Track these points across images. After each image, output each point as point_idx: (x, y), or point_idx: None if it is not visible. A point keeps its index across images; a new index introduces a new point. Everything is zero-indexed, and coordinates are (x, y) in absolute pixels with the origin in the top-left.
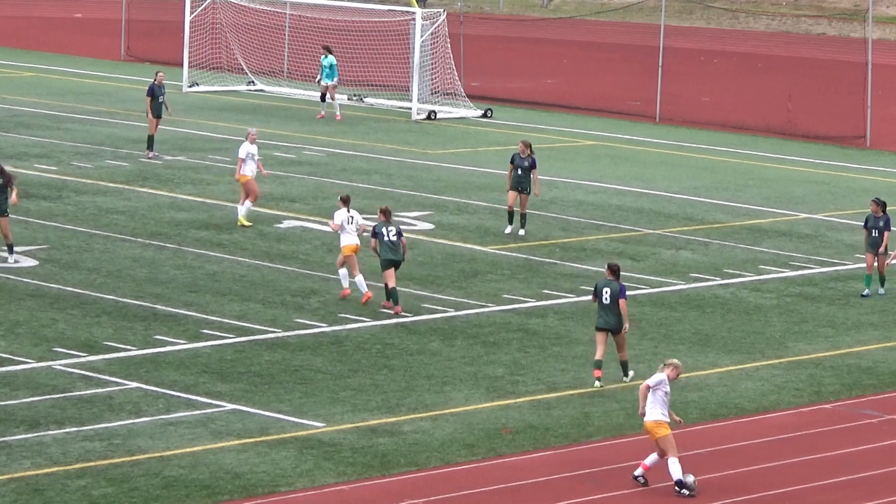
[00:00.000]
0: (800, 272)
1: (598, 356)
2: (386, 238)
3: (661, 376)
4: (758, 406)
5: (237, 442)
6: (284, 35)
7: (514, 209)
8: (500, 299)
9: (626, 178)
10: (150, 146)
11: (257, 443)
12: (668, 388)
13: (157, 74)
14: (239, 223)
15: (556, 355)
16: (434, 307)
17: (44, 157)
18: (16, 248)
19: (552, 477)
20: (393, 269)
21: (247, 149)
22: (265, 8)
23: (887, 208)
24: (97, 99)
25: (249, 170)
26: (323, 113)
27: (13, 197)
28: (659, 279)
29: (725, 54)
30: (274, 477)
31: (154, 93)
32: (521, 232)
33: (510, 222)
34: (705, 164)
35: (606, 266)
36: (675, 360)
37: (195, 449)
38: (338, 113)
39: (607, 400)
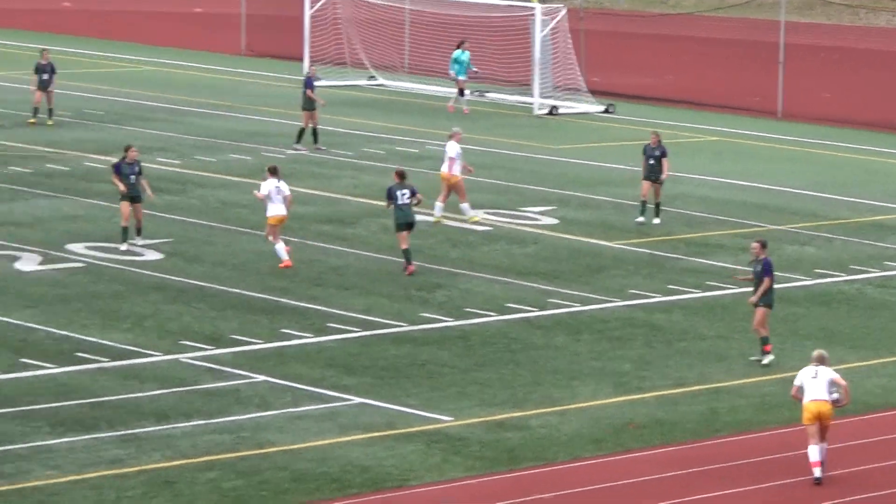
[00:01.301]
0: None
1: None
2: (399, 201)
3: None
4: (885, 402)
5: (365, 436)
6: (405, 30)
7: (647, 200)
8: (625, 294)
9: (749, 174)
10: (301, 138)
11: (385, 437)
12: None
13: (310, 68)
14: (471, 220)
15: (682, 351)
16: (559, 302)
17: (166, 151)
18: (140, 242)
19: (678, 472)
20: (406, 231)
21: (456, 148)
22: (386, 3)
23: None
24: (217, 93)
25: (457, 169)
26: (467, 108)
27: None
28: (784, 275)
29: (846, 50)
30: (402, 471)
31: (311, 86)
32: (656, 221)
33: (642, 213)
34: (828, 160)
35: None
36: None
37: (323, 442)
38: (465, 107)
39: (734, 395)
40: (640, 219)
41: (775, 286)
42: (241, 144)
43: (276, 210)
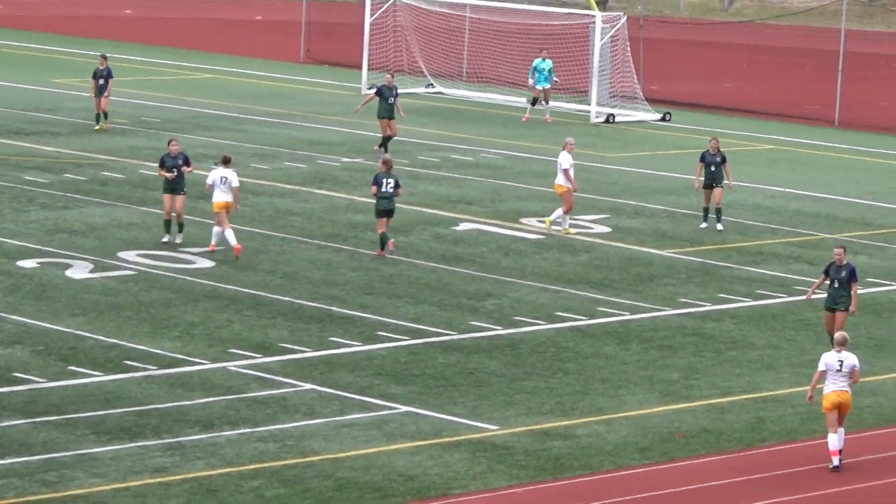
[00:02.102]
0: None
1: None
2: (383, 188)
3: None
4: None
5: (410, 444)
6: (464, 38)
7: (709, 205)
8: (675, 303)
9: (804, 183)
10: (382, 145)
11: (431, 445)
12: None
13: (387, 76)
14: (557, 229)
15: (732, 360)
16: (610, 311)
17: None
18: (193, 250)
19: (725, 481)
20: (385, 218)
21: (569, 159)
22: (445, 11)
23: None
24: (276, 101)
25: (563, 179)
26: (528, 116)
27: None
28: None
29: None
30: (447, 479)
31: (382, 94)
32: (719, 227)
33: (704, 219)
34: (884, 169)
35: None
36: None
37: (368, 451)
38: (548, 115)
39: (781, 404)
40: (704, 224)
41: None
42: (297, 153)
43: (219, 197)
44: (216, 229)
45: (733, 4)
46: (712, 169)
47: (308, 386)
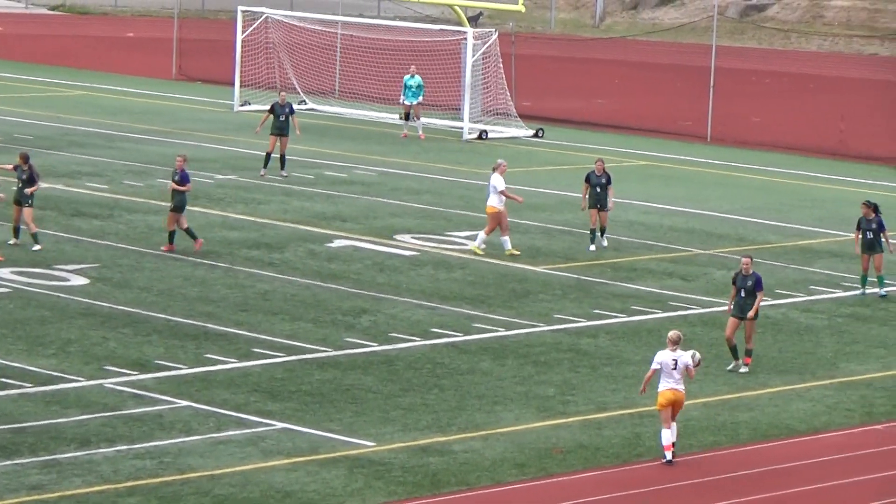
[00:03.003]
0: (851, 293)
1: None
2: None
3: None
4: (809, 427)
5: (287, 461)
6: (336, 54)
7: (595, 227)
8: (551, 319)
9: (678, 199)
10: (266, 163)
11: (308, 462)
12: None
13: (280, 94)
14: (508, 252)
15: (607, 375)
16: (485, 327)
17: (95, 176)
18: (67, 268)
19: (602, 497)
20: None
21: (500, 180)
22: (317, 27)
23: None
24: (149, 118)
25: (495, 201)
26: (406, 132)
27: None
28: (710, 299)
29: (777, 74)
30: (324, 496)
31: (275, 111)
32: (604, 244)
33: (592, 241)
34: (757, 185)
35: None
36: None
37: (245, 468)
38: (420, 132)
39: (657, 420)
40: (592, 247)
41: (703, 310)
42: (170, 169)
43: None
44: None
45: (604, 21)
46: (598, 190)
47: (184, 403)
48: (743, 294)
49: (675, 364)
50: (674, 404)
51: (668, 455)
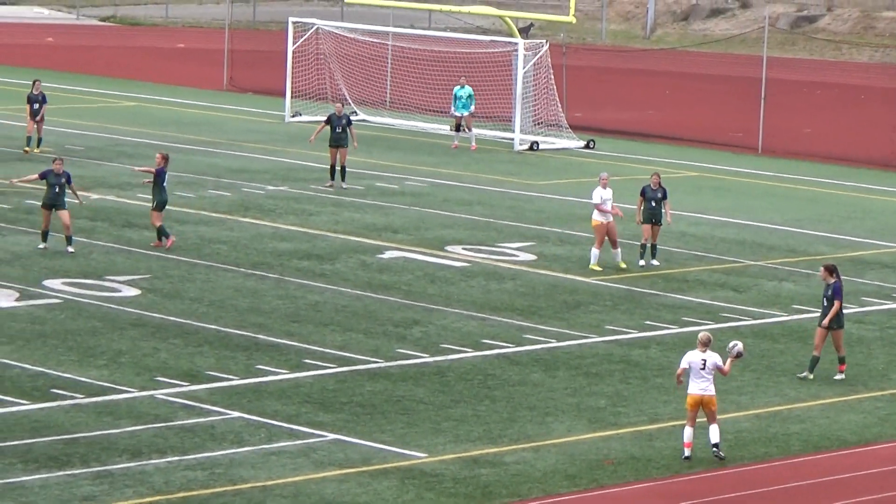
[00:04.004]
0: None
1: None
2: (164, 182)
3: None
4: (860, 438)
5: (339, 472)
6: (387, 65)
7: (647, 242)
8: (602, 330)
9: (729, 210)
10: (332, 175)
11: (359, 473)
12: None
13: (336, 105)
14: (620, 265)
15: (659, 386)
16: (536, 338)
17: (146, 188)
18: (118, 279)
19: None
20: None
21: (601, 193)
22: (368, 39)
23: None
24: (199, 129)
25: (600, 216)
26: (457, 143)
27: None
28: (761, 310)
29: (828, 86)
30: None
31: (332, 122)
32: (654, 262)
33: (642, 256)
34: (808, 196)
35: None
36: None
37: (297, 479)
38: (473, 143)
39: (708, 432)
40: (641, 262)
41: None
42: (221, 180)
43: None
44: None
45: (655, 32)
46: (653, 204)
47: (235, 414)
48: (826, 304)
49: (704, 364)
50: (702, 406)
51: (687, 452)
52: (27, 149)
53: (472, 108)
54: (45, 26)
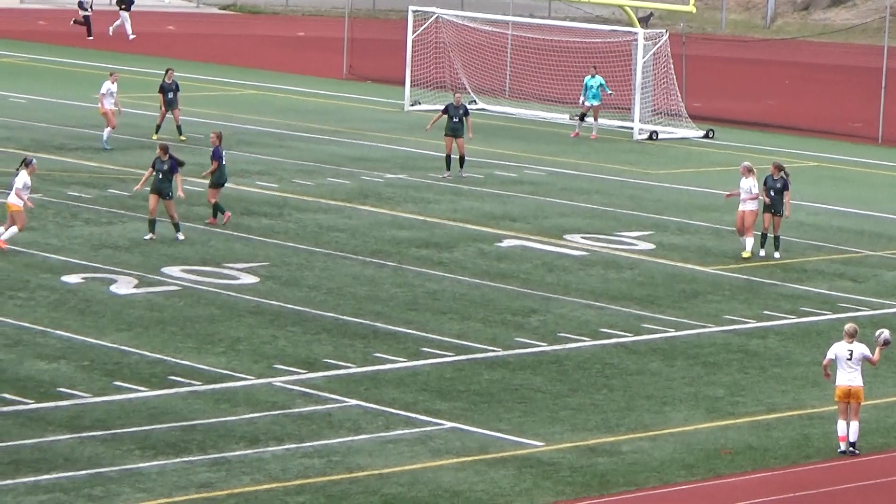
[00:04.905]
0: None
1: None
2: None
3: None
4: None
5: (456, 460)
6: (507, 54)
7: (767, 232)
8: (720, 320)
9: (848, 200)
10: (448, 165)
11: (476, 461)
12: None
13: (454, 95)
14: (744, 255)
15: (776, 376)
16: (654, 327)
17: (265, 175)
18: (237, 266)
19: (771, 498)
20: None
21: (746, 184)
22: (487, 28)
23: None
24: (319, 117)
25: (751, 205)
26: (577, 131)
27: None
28: (880, 301)
29: None
30: (493, 496)
31: (449, 112)
32: (776, 255)
33: (762, 245)
34: None
35: None
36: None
37: (414, 467)
38: (594, 132)
39: (827, 422)
40: (762, 252)
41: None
42: (340, 169)
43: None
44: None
45: (775, 22)
46: (772, 194)
47: (353, 402)
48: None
49: (851, 355)
50: (849, 396)
51: (843, 446)
52: (156, 136)
53: (605, 94)
54: (166, 15)
